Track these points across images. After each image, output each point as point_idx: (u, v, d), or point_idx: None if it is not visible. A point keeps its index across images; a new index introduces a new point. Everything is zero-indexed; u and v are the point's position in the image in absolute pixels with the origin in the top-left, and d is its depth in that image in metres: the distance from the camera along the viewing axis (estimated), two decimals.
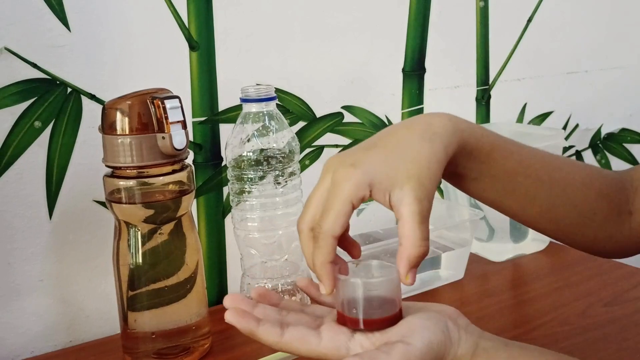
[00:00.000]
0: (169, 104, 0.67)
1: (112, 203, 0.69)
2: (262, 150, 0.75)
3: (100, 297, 0.83)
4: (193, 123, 0.87)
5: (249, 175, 0.76)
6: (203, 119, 0.88)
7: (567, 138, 1.25)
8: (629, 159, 1.34)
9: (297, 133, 0.94)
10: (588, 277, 0.90)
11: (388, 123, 1.03)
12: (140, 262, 0.70)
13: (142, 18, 0.81)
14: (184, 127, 0.68)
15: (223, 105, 0.89)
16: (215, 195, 0.91)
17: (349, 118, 1.00)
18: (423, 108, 1.06)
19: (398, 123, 0.53)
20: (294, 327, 0.47)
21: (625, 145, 1.33)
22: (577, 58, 1.23)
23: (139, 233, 0.70)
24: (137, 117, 0.66)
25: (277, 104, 0.78)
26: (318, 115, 0.97)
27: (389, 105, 1.03)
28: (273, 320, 0.48)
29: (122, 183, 0.68)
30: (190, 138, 0.86)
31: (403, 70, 1.03)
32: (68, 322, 0.82)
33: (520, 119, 1.19)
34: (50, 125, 0.78)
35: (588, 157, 1.29)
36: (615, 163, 1.33)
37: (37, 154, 0.77)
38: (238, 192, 0.77)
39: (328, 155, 0.98)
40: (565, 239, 0.62)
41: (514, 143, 0.57)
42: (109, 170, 0.69)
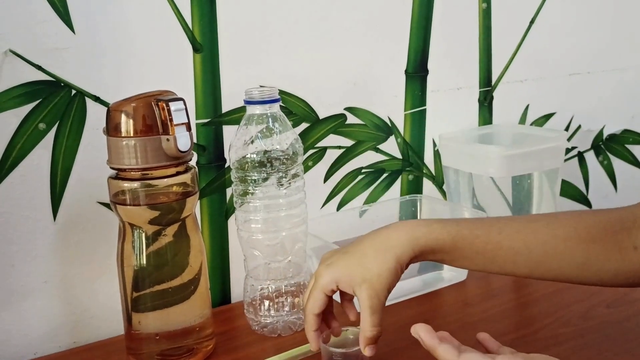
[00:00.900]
0: (174, 106, 0.67)
1: (116, 205, 0.69)
2: (265, 152, 0.76)
3: (105, 298, 0.83)
4: (197, 125, 0.87)
5: (253, 177, 0.76)
6: (207, 121, 0.88)
7: (569, 139, 1.25)
8: (631, 160, 1.34)
9: (300, 134, 0.94)
10: None
11: (391, 124, 1.03)
12: (145, 263, 0.70)
13: (146, 20, 0.81)
14: (188, 129, 0.68)
15: (227, 107, 0.89)
16: (219, 197, 0.91)
17: (352, 119, 1.00)
18: (425, 109, 1.06)
19: (368, 234, 0.66)
20: (470, 352, 0.54)
21: (628, 147, 1.34)
22: (579, 60, 1.23)
23: (143, 235, 0.70)
24: (141, 119, 0.66)
25: (280, 106, 0.78)
26: (321, 117, 0.97)
27: (392, 107, 1.04)
28: (452, 344, 0.56)
29: (126, 185, 0.68)
30: (194, 140, 0.86)
31: (406, 72, 1.04)
32: (72, 323, 0.82)
33: (523, 121, 1.19)
34: (55, 127, 0.78)
35: (590, 158, 1.29)
36: (617, 164, 1.33)
37: (41, 156, 0.78)
38: (241, 193, 0.78)
39: (331, 157, 0.99)
40: (571, 282, 0.66)
41: (483, 223, 0.65)
42: (114, 172, 0.69)
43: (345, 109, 0.99)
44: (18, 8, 0.74)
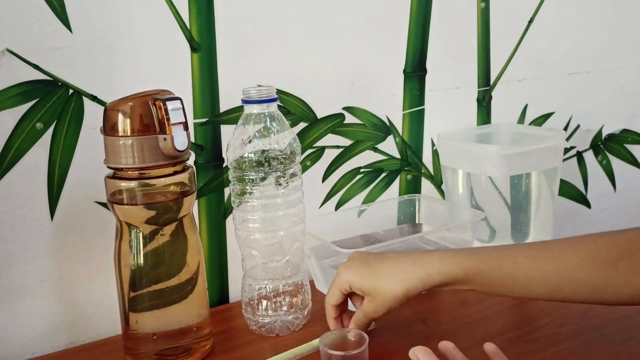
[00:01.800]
0: (171, 105, 0.67)
1: (113, 204, 0.69)
2: (263, 152, 0.75)
3: (102, 298, 0.83)
4: (194, 124, 0.87)
5: (250, 177, 0.76)
6: (204, 120, 0.88)
7: (568, 139, 1.25)
8: (630, 160, 1.34)
9: (298, 134, 0.94)
10: None
11: (389, 124, 1.03)
12: (142, 263, 0.70)
13: (143, 19, 0.81)
14: (186, 128, 0.68)
15: (224, 107, 0.89)
16: (217, 197, 0.91)
17: (350, 119, 1.00)
18: (424, 109, 1.06)
19: (394, 255, 0.71)
20: None
21: (627, 146, 1.34)
22: (578, 59, 1.23)
23: (141, 234, 0.70)
24: (138, 118, 0.66)
25: (278, 105, 0.78)
26: (319, 117, 0.97)
27: (390, 106, 1.04)
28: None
29: (123, 184, 0.68)
30: (192, 139, 0.86)
31: (404, 71, 1.04)
32: (69, 322, 0.82)
33: (522, 120, 1.19)
34: (52, 127, 0.78)
35: (589, 158, 1.29)
36: (616, 164, 1.33)
37: (38, 156, 0.77)
38: (239, 193, 0.78)
39: (329, 156, 0.99)
40: (592, 303, 0.67)
41: (498, 253, 0.67)
42: (111, 172, 0.69)
43: (344, 109, 0.99)
44: (15, 7, 0.73)
